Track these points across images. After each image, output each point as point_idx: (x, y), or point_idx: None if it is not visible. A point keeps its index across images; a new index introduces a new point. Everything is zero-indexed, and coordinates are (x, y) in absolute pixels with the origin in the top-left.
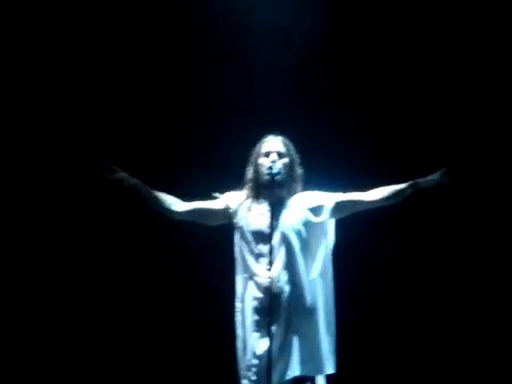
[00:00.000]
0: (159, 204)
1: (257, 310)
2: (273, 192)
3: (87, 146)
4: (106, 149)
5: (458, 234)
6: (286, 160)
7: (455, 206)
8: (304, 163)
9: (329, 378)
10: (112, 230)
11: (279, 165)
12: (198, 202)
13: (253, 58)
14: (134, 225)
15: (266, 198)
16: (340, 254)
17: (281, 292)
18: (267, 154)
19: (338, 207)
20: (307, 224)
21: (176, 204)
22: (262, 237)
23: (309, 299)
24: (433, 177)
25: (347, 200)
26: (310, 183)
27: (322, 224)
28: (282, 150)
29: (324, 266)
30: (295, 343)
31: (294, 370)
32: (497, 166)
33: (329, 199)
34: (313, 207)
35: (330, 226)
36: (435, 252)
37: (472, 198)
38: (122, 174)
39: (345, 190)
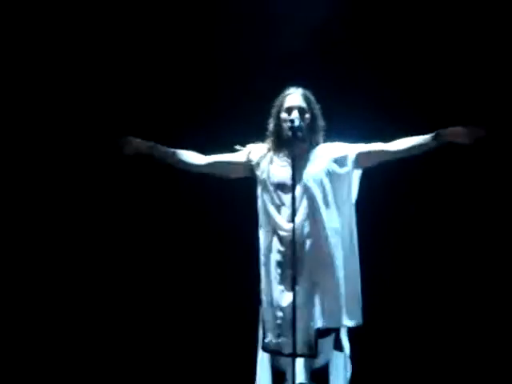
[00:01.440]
0: (179, 160)
1: (280, 264)
2: (295, 145)
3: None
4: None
5: (486, 196)
6: (307, 115)
7: (483, 166)
8: (326, 114)
9: (353, 331)
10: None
11: (300, 121)
12: (219, 155)
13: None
14: (154, 181)
15: (287, 150)
16: (364, 207)
17: (303, 243)
18: (289, 110)
19: (361, 158)
20: (330, 175)
21: (196, 158)
22: (285, 189)
23: (331, 250)
24: (457, 130)
25: (370, 151)
26: (333, 134)
27: (344, 175)
28: (304, 104)
29: (347, 217)
30: (318, 295)
31: (317, 322)
32: None
33: (351, 150)
34: (335, 158)
35: (354, 177)
36: (460, 214)
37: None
38: (136, 142)
39: (368, 141)
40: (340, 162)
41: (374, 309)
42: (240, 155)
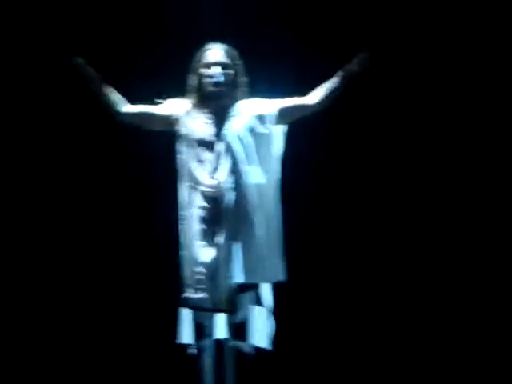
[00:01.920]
0: (108, 99)
1: (202, 219)
2: (217, 101)
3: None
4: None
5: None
6: (229, 70)
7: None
8: (248, 69)
9: (277, 287)
10: None
11: (222, 76)
12: (143, 105)
13: None
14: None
15: (209, 106)
16: (289, 162)
17: (225, 199)
18: (210, 65)
19: (283, 113)
20: (252, 131)
21: (123, 104)
22: (207, 145)
23: (253, 207)
24: (358, 58)
25: (291, 106)
26: (256, 90)
27: (267, 131)
28: (225, 59)
29: (271, 174)
30: (239, 250)
31: (237, 277)
32: None
33: (273, 105)
34: (257, 115)
35: (277, 133)
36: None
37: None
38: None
39: (290, 96)
40: (262, 118)
41: (300, 265)
42: (163, 108)
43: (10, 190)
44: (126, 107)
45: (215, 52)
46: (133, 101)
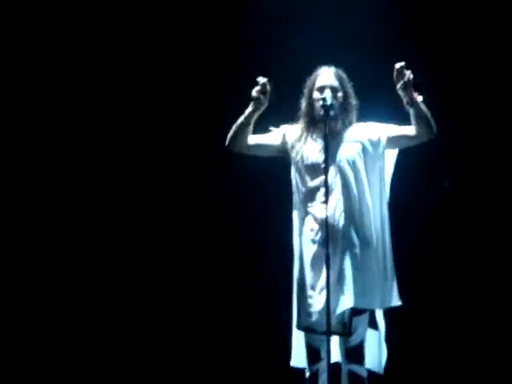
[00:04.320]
0: (245, 135)
1: (314, 243)
2: (327, 126)
3: None
4: None
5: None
6: (339, 93)
7: None
8: (359, 93)
9: (392, 312)
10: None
11: (332, 99)
12: (257, 135)
13: None
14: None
15: (320, 131)
16: (398, 186)
17: (337, 224)
18: (321, 89)
19: (392, 141)
20: (363, 156)
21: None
22: (318, 170)
23: (365, 231)
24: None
25: (398, 135)
26: (366, 113)
27: (377, 156)
28: (336, 83)
29: (379, 197)
30: (351, 275)
31: (349, 302)
32: None
33: (383, 132)
34: (368, 139)
35: (388, 158)
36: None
37: None
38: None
39: (399, 120)
40: (373, 143)
41: (413, 290)
42: (275, 136)
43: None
44: (249, 139)
45: (325, 75)
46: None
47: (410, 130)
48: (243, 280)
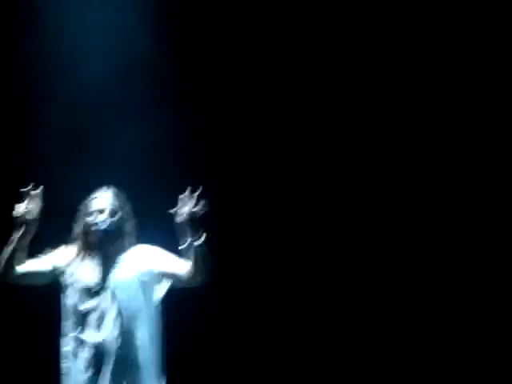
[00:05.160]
0: (17, 263)
1: (86, 369)
2: (103, 249)
3: None
4: None
5: None
6: (116, 217)
7: None
8: (137, 213)
9: None
10: None
11: (108, 223)
12: (27, 263)
13: None
14: None
15: (96, 254)
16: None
17: (109, 348)
18: (95, 212)
19: (164, 275)
20: (136, 283)
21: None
22: (92, 294)
23: (135, 354)
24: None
25: (171, 273)
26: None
27: (151, 283)
28: (112, 206)
29: (153, 319)
30: None
31: None
32: None
33: (156, 265)
34: (141, 269)
35: (162, 287)
36: None
37: None
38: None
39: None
40: (145, 273)
41: None
42: (45, 262)
43: None
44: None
45: (101, 198)
46: None
47: (183, 268)
48: None
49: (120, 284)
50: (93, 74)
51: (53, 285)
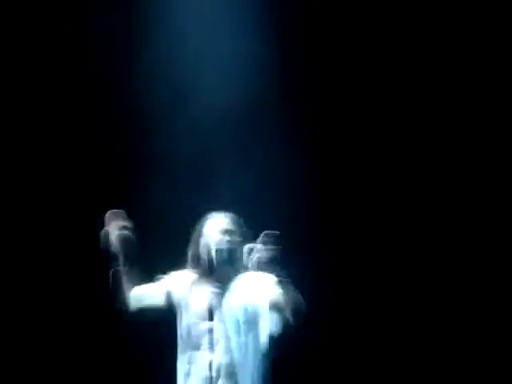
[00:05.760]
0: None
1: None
2: (217, 272)
3: None
4: None
5: None
6: (238, 237)
7: None
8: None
9: None
10: None
11: (226, 248)
12: (140, 290)
13: None
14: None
15: (211, 277)
16: None
17: (219, 370)
18: (214, 235)
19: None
20: (246, 310)
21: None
22: (204, 317)
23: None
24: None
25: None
26: None
27: (256, 316)
28: (233, 227)
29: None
30: None
31: None
32: None
33: (261, 300)
34: (248, 302)
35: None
36: None
37: None
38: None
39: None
40: (253, 306)
41: None
42: (159, 287)
43: None
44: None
45: (219, 221)
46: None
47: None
48: None
49: (229, 311)
50: (219, 101)
51: (169, 307)
